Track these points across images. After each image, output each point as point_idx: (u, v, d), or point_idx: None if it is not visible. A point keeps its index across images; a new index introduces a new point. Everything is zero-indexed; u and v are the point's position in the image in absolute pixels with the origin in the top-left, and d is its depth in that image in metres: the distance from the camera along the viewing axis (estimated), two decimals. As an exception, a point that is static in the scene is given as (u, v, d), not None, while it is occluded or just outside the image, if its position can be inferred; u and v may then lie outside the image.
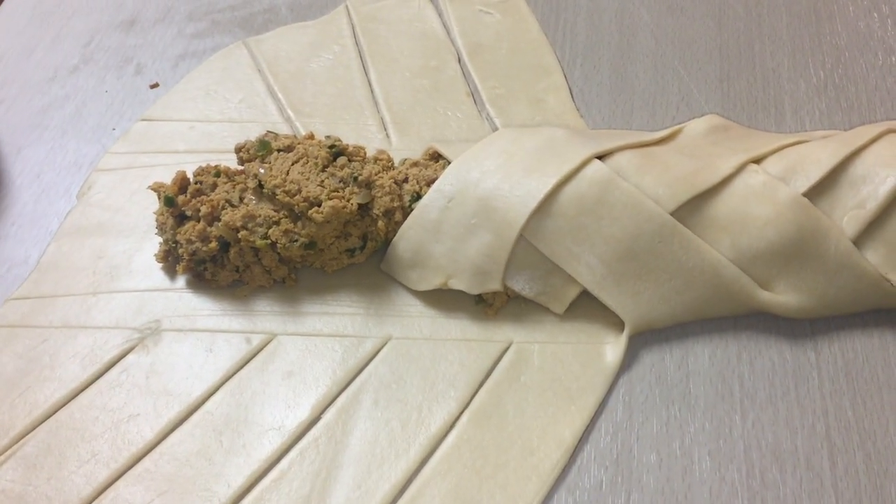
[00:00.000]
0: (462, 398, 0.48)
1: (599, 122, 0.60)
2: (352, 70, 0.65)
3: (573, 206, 0.49)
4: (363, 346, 0.50)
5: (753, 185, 0.48)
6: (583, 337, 0.49)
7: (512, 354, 0.49)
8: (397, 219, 0.52)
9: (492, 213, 0.49)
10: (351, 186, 0.51)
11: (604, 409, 0.47)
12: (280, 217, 0.51)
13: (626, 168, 0.49)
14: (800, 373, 0.47)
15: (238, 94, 0.65)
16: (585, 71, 0.63)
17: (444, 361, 0.49)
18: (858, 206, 0.47)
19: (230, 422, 0.48)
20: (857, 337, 0.48)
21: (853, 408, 0.45)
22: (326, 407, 0.48)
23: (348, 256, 0.52)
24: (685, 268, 0.48)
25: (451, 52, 0.66)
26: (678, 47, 0.63)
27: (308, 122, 0.62)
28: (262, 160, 0.53)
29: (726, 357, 0.48)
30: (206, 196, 0.53)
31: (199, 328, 0.52)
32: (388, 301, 0.52)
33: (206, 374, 0.50)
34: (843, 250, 0.47)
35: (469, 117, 0.61)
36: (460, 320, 0.51)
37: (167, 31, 0.71)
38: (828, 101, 0.59)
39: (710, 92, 0.60)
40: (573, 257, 0.49)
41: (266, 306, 0.53)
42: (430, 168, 0.54)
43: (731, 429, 0.45)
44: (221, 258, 0.53)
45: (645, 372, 0.48)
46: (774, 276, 0.48)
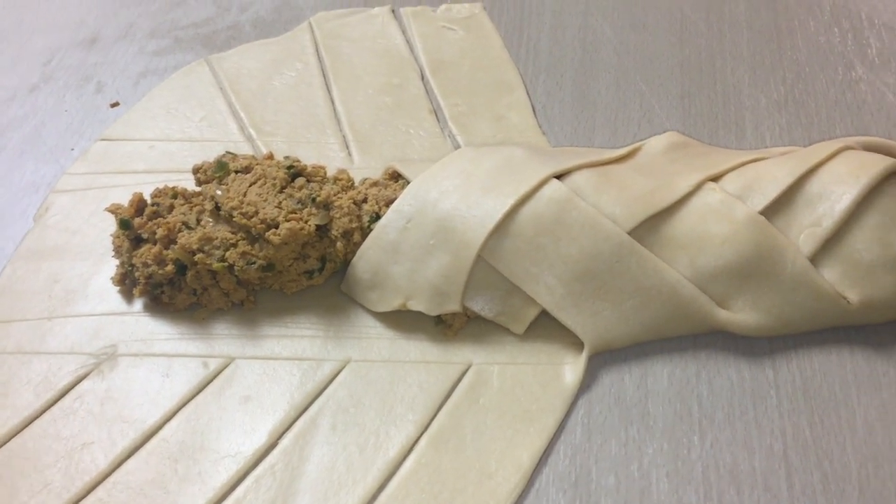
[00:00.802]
0: (420, 421, 0.47)
1: (562, 138, 0.60)
2: (314, 87, 0.65)
3: (531, 226, 0.48)
4: (322, 370, 0.50)
5: (711, 203, 0.48)
6: (542, 357, 0.49)
7: (471, 376, 0.49)
8: (356, 240, 0.52)
9: (450, 234, 0.49)
10: (309, 207, 0.51)
11: (563, 430, 0.46)
12: (237, 239, 0.51)
13: (584, 187, 0.49)
14: (758, 392, 0.47)
15: (199, 113, 0.64)
16: (548, 87, 0.63)
17: (402, 384, 0.49)
18: (815, 224, 0.47)
19: (186, 449, 0.47)
20: (815, 355, 0.48)
21: (811, 427, 0.45)
22: (284, 432, 0.47)
23: (307, 278, 0.52)
24: (643, 287, 0.48)
25: (414, 69, 0.66)
26: (640, 63, 0.63)
27: (269, 141, 0.61)
28: (220, 181, 0.53)
29: (685, 376, 0.48)
30: (162, 218, 0.52)
31: (155, 353, 0.51)
32: (348, 323, 0.52)
33: (161, 400, 0.49)
34: (800, 268, 0.47)
35: (431, 135, 0.61)
36: (420, 342, 0.50)
37: (128, 48, 0.70)
38: (788, 117, 0.59)
39: (672, 108, 0.60)
40: (532, 278, 0.48)
41: (224, 329, 0.52)
42: (389, 188, 0.53)
43: (689, 450, 0.45)
44: (178, 281, 0.52)
45: (604, 392, 0.48)
46: (732, 295, 0.48)
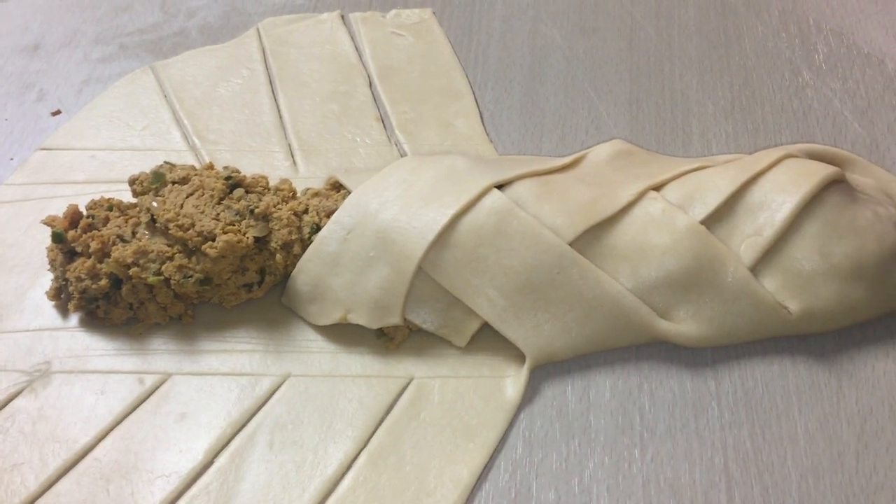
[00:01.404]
0: (360, 438, 0.46)
1: (509, 146, 0.59)
2: (260, 95, 0.64)
3: (471, 237, 0.48)
4: (260, 385, 0.49)
5: (653, 213, 0.48)
6: (484, 371, 0.48)
7: (412, 390, 0.48)
8: (296, 252, 0.51)
9: (390, 246, 0.48)
10: (247, 219, 0.50)
11: (504, 445, 0.46)
12: (174, 252, 0.49)
13: (525, 197, 0.49)
14: (700, 403, 0.46)
15: (142, 121, 0.63)
16: (497, 94, 0.62)
17: (343, 399, 0.48)
18: (756, 234, 0.47)
19: (119, 469, 0.46)
20: (757, 365, 0.47)
21: (752, 439, 0.45)
22: (220, 451, 0.46)
23: (246, 291, 0.51)
24: (585, 299, 0.47)
25: (362, 75, 0.65)
26: (589, 69, 0.63)
27: (213, 150, 0.60)
28: (156, 193, 0.52)
29: (627, 388, 0.47)
30: (97, 231, 0.51)
31: (90, 369, 0.50)
32: (288, 336, 0.51)
33: (95, 418, 0.48)
34: (741, 278, 0.46)
35: (378, 143, 0.60)
36: (361, 355, 0.50)
37: (72, 55, 0.69)
38: (734, 124, 0.59)
39: (620, 115, 0.60)
40: (473, 290, 0.48)
41: (161, 344, 0.51)
42: (330, 198, 0.52)
43: (630, 463, 0.44)
44: (114, 295, 0.51)
45: (546, 405, 0.47)
46: (674, 305, 0.47)
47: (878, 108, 0.59)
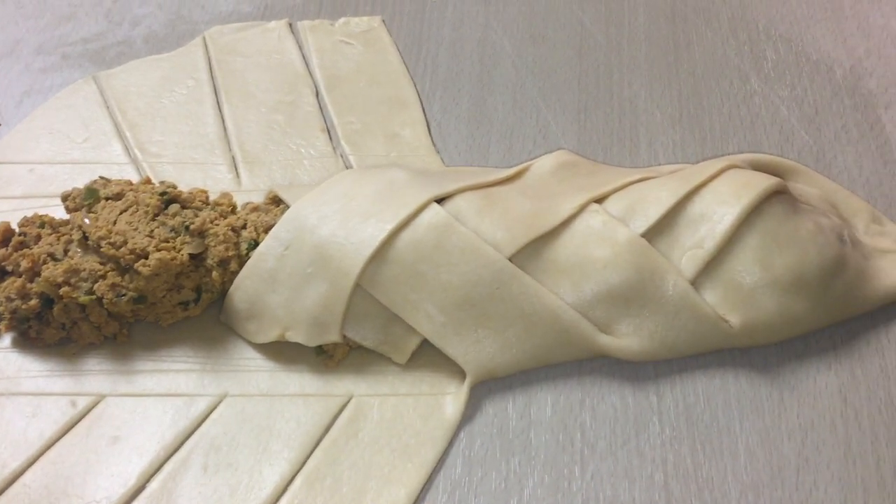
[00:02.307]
0: (296, 459, 0.45)
1: (455, 156, 0.58)
2: (205, 105, 0.63)
3: (410, 252, 0.47)
4: (196, 406, 0.47)
5: (594, 225, 0.47)
6: (425, 388, 0.48)
7: (351, 409, 0.47)
8: (233, 268, 0.50)
9: (328, 262, 0.47)
10: (182, 236, 0.49)
11: (443, 464, 0.45)
12: (106, 270, 0.48)
13: (465, 211, 0.48)
14: (641, 419, 0.46)
15: (83, 134, 0.61)
16: (444, 104, 0.62)
17: (280, 419, 0.47)
18: (696, 246, 0.47)
19: (49, 495, 0.45)
20: (699, 379, 0.47)
21: (692, 455, 0.44)
22: (153, 474, 0.45)
23: (182, 309, 0.50)
24: (525, 314, 0.46)
25: (308, 85, 0.64)
26: (538, 78, 0.62)
27: (155, 163, 0.59)
28: (90, 209, 0.50)
29: (569, 404, 0.46)
30: (28, 249, 0.50)
31: (22, 391, 0.49)
32: (226, 355, 0.50)
33: (25, 442, 0.46)
34: (681, 291, 0.46)
35: (323, 155, 0.59)
36: (300, 373, 0.49)
37: (13, 65, 0.67)
38: (682, 132, 0.58)
39: (568, 124, 0.59)
40: (412, 306, 0.47)
41: (96, 365, 0.50)
42: (270, 213, 0.51)
43: (570, 482, 0.44)
44: (46, 315, 0.49)
45: (487, 423, 0.46)
46: (615, 320, 0.47)
47: (825, 115, 0.58)
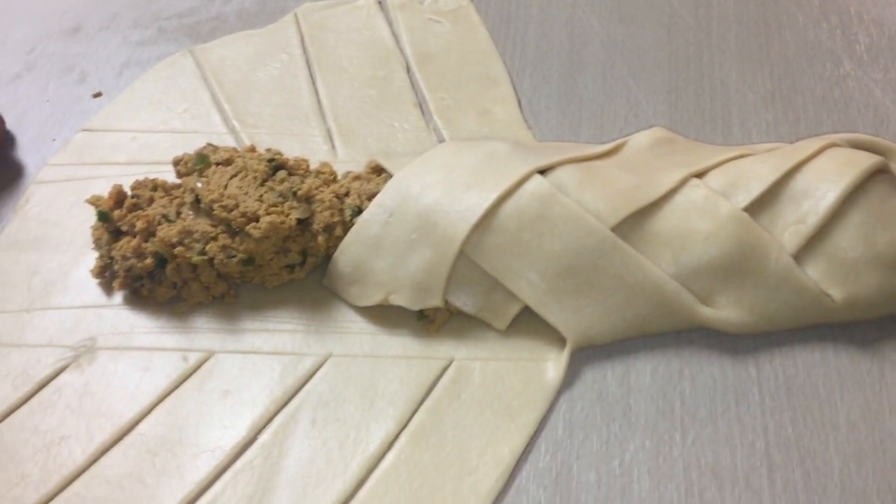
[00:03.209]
0: (401, 417, 0.47)
1: (547, 133, 0.59)
2: (299, 79, 0.64)
3: (513, 221, 0.48)
4: (302, 364, 0.49)
5: (695, 199, 0.48)
6: (524, 354, 0.49)
7: (453, 372, 0.48)
8: (338, 234, 0.51)
9: (432, 229, 0.49)
10: (290, 201, 0.51)
11: (544, 426, 0.46)
12: (217, 232, 0.50)
13: (567, 183, 0.49)
14: (741, 389, 0.46)
15: (182, 104, 0.64)
16: (534, 82, 0.63)
17: (384, 379, 0.48)
18: (799, 221, 0.47)
19: (164, 443, 0.47)
20: (799, 353, 0.47)
21: (793, 424, 0.45)
22: (263, 427, 0.47)
23: (288, 272, 0.51)
24: (626, 284, 0.47)
25: (399, 61, 0.65)
26: (628, 57, 0.63)
27: (253, 133, 0.61)
28: (200, 174, 0.52)
29: (668, 373, 0.47)
30: (142, 211, 0.52)
31: (135, 346, 0.51)
32: (329, 317, 0.51)
33: (140, 394, 0.49)
34: (784, 266, 0.47)
35: (416, 128, 0.60)
36: (401, 337, 0.50)
37: (112, 38, 0.70)
38: (775, 113, 0.59)
39: (659, 103, 0.60)
40: (514, 273, 0.48)
41: (204, 323, 0.51)
42: (371, 182, 0.53)
43: (670, 447, 0.45)
44: (158, 274, 0.51)
45: (586, 389, 0.47)
46: (716, 292, 0.47)
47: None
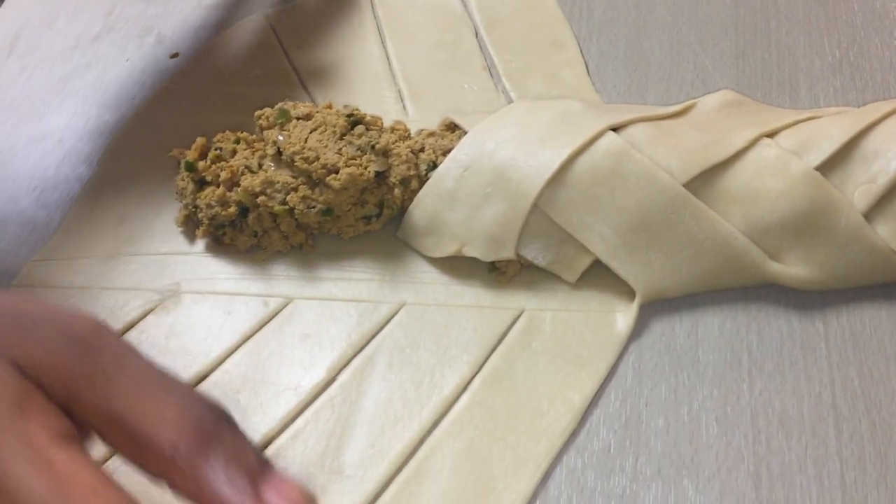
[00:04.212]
0: (474, 362, 0.48)
1: (615, 97, 0.60)
2: (369, 43, 0.66)
3: (587, 176, 0.49)
4: (378, 311, 0.51)
5: (766, 158, 0.49)
6: (594, 305, 0.50)
7: (524, 321, 0.50)
8: (413, 187, 0.53)
9: (506, 183, 0.50)
10: (368, 154, 0.52)
11: (613, 375, 0.47)
12: (298, 184, 0.52)
13: (639, 140, 0.50)
14: (808, 343, 0.47)
15: (257, 65, 0.66)
16: (601, 46, 0.64)
17: (457, 327, 0.50)
18: (870, 181, 0.48)
19: (248, 382, 0.49)
20: (866, 309, 0.48)
21: (860, 377, 0.46)
22: (342, 369, 0.49)
23: (364, 223, 0.53)
24: (697, 239, 0.48)
25: (468, 26, 0.66)
26: (694, 23, 0.64)
27: (325, 94, 0.63)
28: (281, 128, 0.54)
29: (735, 327, 0.48)
30: (225, 162, 0.54)
31: (217, 291, 0.53)
32: (403, 268, 0.53)
33: (224, 335, 0.51)
34: (854, 224, 0.47)
35: (485, 90, 0.62)
36: (473, 288, 0.52)
37: (187, 1, 0.72)
38: (842, 79, 0.59)
39: (725, 68, 0.61)
40: (586, 227, 0.49)
41: (283, 271, 0.54)
42: (446, 138, 0.54)
43: (738, 396, 0.46)
44: (240, 223, 0.53)
45: (655, 340, 0.49)
46: (785, 249, 0.48)
47: None
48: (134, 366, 0.30)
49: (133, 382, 0.29)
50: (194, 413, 0.28)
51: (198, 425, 0.28)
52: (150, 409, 0.28)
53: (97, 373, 0.29)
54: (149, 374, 0.30)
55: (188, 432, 0.28)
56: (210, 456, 0.27)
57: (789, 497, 0.42)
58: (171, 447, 0.27)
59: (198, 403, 0.29)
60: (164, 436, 0.27)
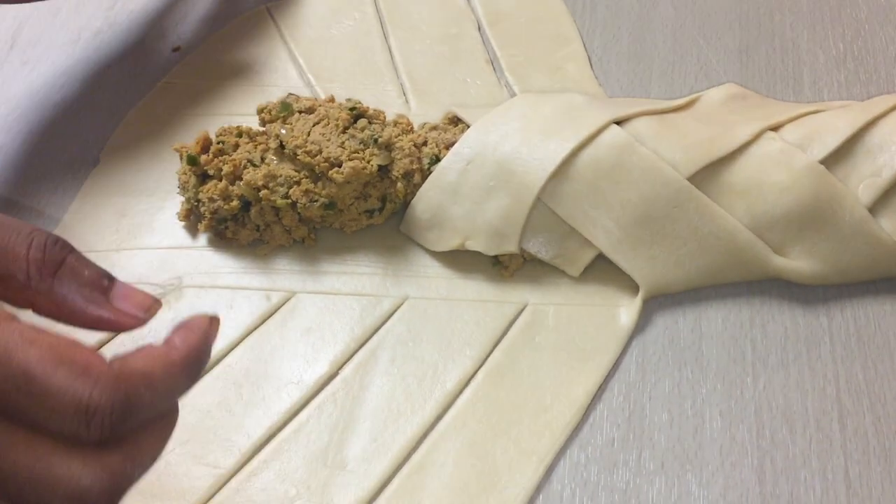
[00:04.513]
0: (477, 357, 0.48)
1: (618, 90, 0.60)
2: (372, 36, 0.66)
3: (591, 170, 0.49)
4: (381, 305, 0.51)
5: (770, 152, 0.49)
6: (597, 299, 0.50)
7: (527, 315, 0.50)
8: (416, 181, 0.53)
9: (510, 176, 0.50)
10: (371, 148, 0.52)
11: (617, 369, 0.47)
12: (301, 177, 0.52)
13: (643, 133, 0.50)
14: (812, 338, 0.47)
15: (259, 59, 0.65)
16: (604, 40, 0.63)
17: (459, 321, 0.50)
18: (874, 175, 0.48)
19: (250, 375, 0.49)
20: (870, 304, 0.48)
21: (864, 372, 0.46)
22: (344, 363, 0.49)
23: (367, 217, 0.53)
24: (700, 233, 0.48)
25: (471, 19, 0.66)
26: (697, 17, 0.64)
27: (328, 87, 0.63)
28: (284, 121, 0.54)
29: (739, 321, 0.48)
30: (228, 156, 0.54)
31: (220, 285, 0.53)
32: (406, 262, 0.53)
33: (226, 329, 0.51)
34: (859, 218, 0.47)
35: (488, 84, 0.62)
36: (476, 282, 0.52)
37: (189, -5, 0.72)
38: (846, 73, 0.59)
39: (729, 62, 0.61)
40: (590, 221, 0.49)
41: (286, 265, 0.54)
42: (449, 132, 0.54)
43: (742, 390, 0.46)
44: (242, 217, 0.53)
45: (658, 334, 0.48)
46: (789, 243, 0.48)
47: None
48: None
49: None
50: (39, 242, 0.31)
51: (45, 253, 0.31)
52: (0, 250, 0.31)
53: None
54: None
55: (39, 261, 0.31)
56: (62, 276, 0.31)
57: (793, 491, 0.42)
58: (26, 276, 0.31)
59: (41, 235, 0.32)
60: (18, 267, 0.31)
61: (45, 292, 0.31)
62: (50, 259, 0.31)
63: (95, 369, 0.28)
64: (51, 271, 0.31)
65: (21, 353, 0.28)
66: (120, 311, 0.33)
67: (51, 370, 0.28)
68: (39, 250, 0.31)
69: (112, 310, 0.33)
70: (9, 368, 0.27)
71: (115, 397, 0.28)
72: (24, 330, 0.28)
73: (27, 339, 0.28)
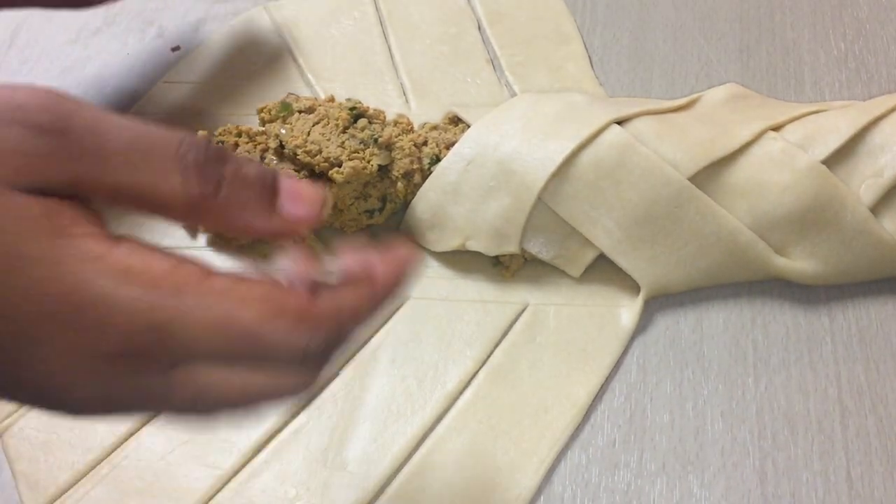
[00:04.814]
0: (478, 357, 0.48)
1: (618, 90, 0.60)
2: (372, 36, 0.66)
3: (592, 170, 0.49)
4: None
5: (772, 152, 0.49)
6: (598, 300, 0.50)
7: (528, 316, 0.50)
8: (416, 181, 0.53)
9: (511, 176, 0.50)
10: (371, 148, 0.52)
11: (618, 370, 0.47)
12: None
13: (644, 133, 0.50)
14: (813, 338, 0.47)
15: (259, 59, 0.65)
16: (605, 40, 0.63)
17: (460, 321, 0.50)
18: (876, 175, 0.48)
19: (250, 376, 0.49)
20: (872, 304, 0.48)
21: (866, 373, 0.46)
22: (345, 363, 0.49)
23: (367, 217, 0.53)
24: (702, 233, 0.48)
25: (471, 19, 0.66)
26: (698, 17, 0.63)
27: (328, 87, 0.62)
28: (284, 121, 0.54)
29: (740, 322, 0.48)
30: (227, 156, 0.53)
31: (219, 286, 0.53)
32: (406, 262, 0.53)
33: (226, 329, 0.51)
34: (860, 218, 0.47)
35: (488, 84, 0.62)
36: (477, 282, 0.51)
37: (188, -5, 0.71)
38: (848, 73, 0.59)
39: (730, 62, 0.60)
40: (590, 221, 0.49)
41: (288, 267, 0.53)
42: (449, 132, 0.54)
43: (743, 391, 0.46)
44: (242, 217, 0.53)
45: (659, 335, 0.48)
46: (791, 243, 0.48)
47: None
48: (111, 130, 0.28)
49: (118, 149, 0.27)
50: (190, 159, 0.28)
51: (200, 171, 0.28)
52: (148, 172, 0.28)
53: (80, 154, 0.27)
54: (127, 130, 0.28)
55: (193, 181, 0.28)
56: (220, 194, 0.28)
57: (795, 492, 0.42)
58: (184, 201, 0.28)
59: (190, 148, 0.28)
60: (172, 192, 0.28)
61: (205, 212, 0.29)
62: (206, 176, 0.28)
63: (309, 315, 0.28)
64: (209, 189, 0.28)
65: (240, 314, 0.27)
66: (294, 216, 0.30)
67: (271, 327, 0.28)
68: (195, 171, 0.28)
69: (283, 219, 0.30)
70: (234, 331, 0.27)
71: (328, 338, 0.29)
72: (231, 288, 0.28)
73: (239, 298, 0.28)
